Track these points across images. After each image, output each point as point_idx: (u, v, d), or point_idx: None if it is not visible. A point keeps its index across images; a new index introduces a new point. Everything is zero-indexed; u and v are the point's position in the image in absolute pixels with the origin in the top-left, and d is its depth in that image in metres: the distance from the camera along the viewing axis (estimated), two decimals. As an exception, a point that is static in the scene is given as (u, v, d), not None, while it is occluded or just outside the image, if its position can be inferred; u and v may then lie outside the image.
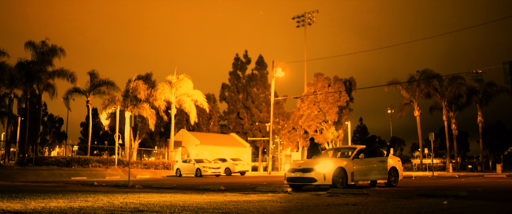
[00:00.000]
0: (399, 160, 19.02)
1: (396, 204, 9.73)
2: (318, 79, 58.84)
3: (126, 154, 47.27)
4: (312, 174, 15.76)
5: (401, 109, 61.43)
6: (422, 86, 56.98)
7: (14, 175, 31.11)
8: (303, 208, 9.01)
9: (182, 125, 73.17)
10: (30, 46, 42.08)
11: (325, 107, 57.36)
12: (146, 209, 8.63)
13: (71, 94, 45.89)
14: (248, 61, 78.90)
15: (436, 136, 46.00)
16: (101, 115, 47.41)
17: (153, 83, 60.98)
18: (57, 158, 39.62)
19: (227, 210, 8.58)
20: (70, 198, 11.41)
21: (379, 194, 13.11)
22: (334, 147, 23.53)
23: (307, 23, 73.76)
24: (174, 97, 48.83)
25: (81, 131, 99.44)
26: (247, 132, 75.33)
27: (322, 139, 58.07)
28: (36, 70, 41.10)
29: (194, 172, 38.72)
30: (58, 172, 34.59)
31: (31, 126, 47.23)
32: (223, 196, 12.79)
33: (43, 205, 9.36)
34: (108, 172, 37.77)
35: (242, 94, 77.54)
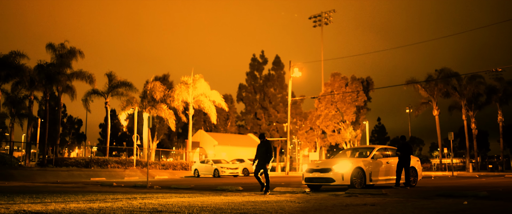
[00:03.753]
0: (418, 160, 18.85)
1: (415, 205, 9.65)
2: (335, 79, 58.62)
3: (144, 154, 47.54)
4: (330, 174, 15.71)
5: (419, 108, 60.91)
6: (440, 85, 56.43)
7: (34, 176, 31.46)
8: (321, 209, 8.98)
9: (199, 126, 73.40)
10: (50, 48, 42.57)
11: (342, 107, 57.12)
12: (165, 210, 8.67)
13: (90, 96, 46.32)
14: (265, 62, 78.85)
15: (456, 136, 45.50)
16: (120, 116, 47.75)
17: (171, 84, 61.29)
18: (76, 159, 39.98)
19: (245, 210, 8.58)
20: (89, 199, 11.51)
21: (398, 194, 13.02)
22: (352, 147, 23.44)
23: (323, 23, 73.48)
24: (191, 98, 48.98)
25: (100, 132, 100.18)
26: (264, 132, 75.08)
27: (340, 139, 57.85)
28: (55, 73, 41.54)
29: (212, 173, 38.79)
30: (77, 173, 34.90)
31: (51, 127, 47.76)
32: (241, 196, 12.80)
33: (63, 206, 9.45)
34: (126, 173, 38.01)
35: (259, 94, 77.51)
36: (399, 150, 17.19)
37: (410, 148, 17.21)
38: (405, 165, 16.94)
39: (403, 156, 16.96)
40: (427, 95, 58.09)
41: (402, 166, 16.93)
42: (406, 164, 16.97)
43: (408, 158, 17.02)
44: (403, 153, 17.01)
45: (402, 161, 16.97)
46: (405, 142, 17.41)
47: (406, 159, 16.97)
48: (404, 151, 17.04)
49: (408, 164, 16.98)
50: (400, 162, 16.97)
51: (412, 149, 17.44)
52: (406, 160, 16.96)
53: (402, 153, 17.01)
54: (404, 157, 16.96)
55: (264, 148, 15.10)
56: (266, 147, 15.12)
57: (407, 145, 17.26)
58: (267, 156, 14.98)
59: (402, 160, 16.97)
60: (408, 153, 17.06)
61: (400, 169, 16.95)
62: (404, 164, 16.94)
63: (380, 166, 16.79)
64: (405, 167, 16.94)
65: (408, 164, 17.04)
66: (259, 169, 15.14)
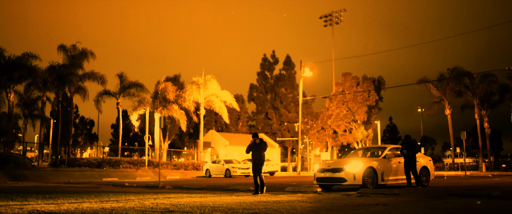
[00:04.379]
0: (430, 160, 18.74)
1: (428, 204, 9.60)
2: (346, 78, 58.49)
3: (156, 155, 47.72)
4: (342, 174, 15.66)
5: (431, 108, 60.56)
6: (452, 84, 56.05)
7: (47, 176, 31.68)
8: (332, 209, 8.96)
9: (211, 126, 73.51)
10: (62, 49, 42.84)
11: (354, 106, 56.98)
12: (177, 210, 8.69)
13: (101, 97, 46.58)
14: (276, 62, 78.81)
15: (468, 135, 45.17)
16: (131, 117, 47.98)
17: (182, 84, 61.40)
18: (88, 160, 40.21)
19: (257, 210, 8.59)
20: (102, 199, 11.57)
21: (410, 194, 12.96)
22: (363, 147, 23.33)
23: (334, 22, 73.22)
24: (202, 98, 49.07)
25: (111, 132, 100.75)
26: (275, 132, 75.24)
27: (352, 138, 57.69)
28: (67, 74, 41.81)
29: (223, 173, 38.85)
30: (89, 173, 35.10)
31: (63, 128, 48.10)
32: (253, 196, 12.81)
33: (75, 206, 9.51)
34: (138, 173, 38.16)
35: (270, 94, 77.48)
36: (404, 149, 16.91)
37: (415, 146, 16.98)
38: (411, 164, 16.72)
39: (410, 155, 16.75)
40: (439, 94, 57.73)
41: (410, 166, 16.74)
42: (413, 163, 16.74)
43: (414, 157, 16.80)
44: (409, 151, 16.78)
45: (408, 161, 16.76)
46: (410, 140, 17.20)
47: (412, 158, 16.76)
48: (409, 150, 16.81)
49: (414, 163, 16.74)
50: (406, 161, 16.78)
51: (417, 147, 17.21)
52: (412, 159, 16.75)
53: (408, 151, 16.78)
54: (410, 156, 16.75)
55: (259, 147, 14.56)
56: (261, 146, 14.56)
57: (411, 143, 17.03)
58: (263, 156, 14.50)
59: (408, 160, 16.76)
60: (414, 151, 16.84)
61: (408, 169, 16.75)
62: (410, 163, 16.72)
63: (392, 166, 16.71)
64: (411, 167, 16.71)
65: (415, 163, 16.79)
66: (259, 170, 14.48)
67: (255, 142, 14.56)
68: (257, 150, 14.53)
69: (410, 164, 16.72)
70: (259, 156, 14.48)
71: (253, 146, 14.60)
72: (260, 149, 14.50)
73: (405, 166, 16.77)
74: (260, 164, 14.42)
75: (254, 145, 14.58)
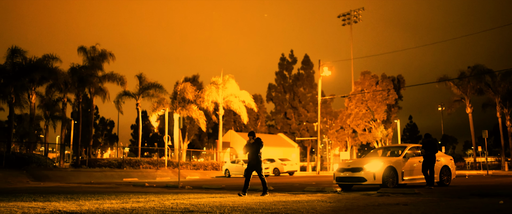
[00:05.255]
0: (451, 159, 18.55)
1: (449, 204, 9.49)
2: (365, 77, 58.20)
3: (175, 155, 47.95)
4: (362, 174, 15.58)
5: (451, 106, 59.89)
6: (473, 82, 55.36)
7: (68, 176, 32.03)
8: (352, 208, 8.91)
9: (230, 126, 73.65)
10: (82, 51, 43.24)
11: (373, 106, 56.66)
12: (196, 210, 8.72)
13: (121, 98, 46.97)
14: (294, 61, 78.69)
15: (490, 134, 44.44)
16: (151, 117, 48.27)
17: (200, 85, 61.63)
18: (109, 160, 40.56)
19: (276, 210, 8.58)
20: (122, 199, 11.66)
21: (431, 194, 12.83)
22: (383, 146, 23.19)
23: (352, 21, 72.87)
24: (221, 99, 49.17)
25: (131, 133, 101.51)
26: (294, 132, 75.13)
27: (371, 137, 57.37)
28: (87, 75, 42.19)
29: (243, 173, 38.85)
30: (110, 173, 35.40)
31: (84, 129, 48.61)
32: (272, 196, 12.80)
33: (97, 206, 9.60)
34: (158, 173, 38.38)
35: (288, 94, 77.38)
36: (424, 148, 16.67)
37: (435, 145, 16.72)
38: (430, 164, 16.46)
39: (429, 154, 16.50)
40: (460, 93, 57.07)
41: (428, 165, 16.49)
42: (431, 162, 16.47)
43: (433, 156, 16.54)
44: (428, 151, 16.54)
45: (427, 160, 16.51)
46: (430, 139, 16.91)
47: (431, 157, 16.51)
48: (429, 149, 16.56)
49: (433, 163, 16.47)
50: (425, 160, 16.53)
51: (437, 146, 16.95)
52: (431, 159, 16.50)
53: (427, 151, 16.54)
54: (430, 155, 16.50)
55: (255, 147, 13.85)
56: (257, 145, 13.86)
57: (431, 142, 16.75)
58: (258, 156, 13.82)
59: (427, 159, 16.51)
60: (433, 151, 16.58)
61: (426, 168, 16.48)
62: (430, 163, 16.47)
63: (412, 165, 16.56)
64: (429, 166, 16.44)
65: (433, 162, 16.51)
66: (251, 170, 13.96)
67: (250, 141, 13.94)
68: (252, 150, 13.88)
69: (428, 163, 16.46)
70: (255, 156, 13.80)
71: (249, 145, 13.98)
72: (256, 149, 13.80)
73: (423, 165, 16.53)
74: (257, 164, 13.78)
75: (250, 145, 13.95)
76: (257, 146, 13.81)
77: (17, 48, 37.97)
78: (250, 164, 13.97)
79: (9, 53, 37.69)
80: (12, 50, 37.73)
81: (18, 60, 38.03)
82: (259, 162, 13.82)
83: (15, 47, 37.93)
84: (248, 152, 14.04)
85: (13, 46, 37.90)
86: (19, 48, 38.10)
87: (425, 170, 16.43)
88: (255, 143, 13.86)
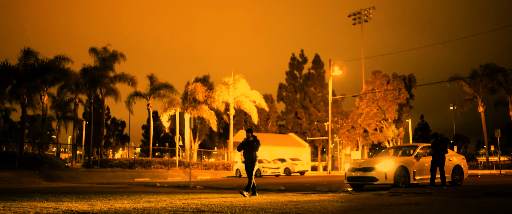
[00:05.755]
0: (464, 158, 18.43)
1: (462, 204, 9.43)
2: (376, 77, 58.01)
3: (186, 155, 48.08)
4: (373, 173, 15.52)
5: (463, 105, 59.51)
6: (485, 81, 54.99)
7: (80, 177, 32.22)
8: (364, 208, 8.88)
9: (240, 126, 73.71)
10: (93, 52, 43.46)
11: (384, 105, 56.45)
12: (208, 210, 8.73)
13: (132, 98, 47.15)
14: (305, 61, 78.62)
15: (503, 133, 44.10)
16: (162, 117, 48.41)
17: (211, 85, 61.70)
18: (120, 160, 40.73)
19: (288, 210, 8.57)
20: (134, 199, 11.70)
21: (443, 193, 12.77)
22: (394, 146, 23.09)
23: (363, 20, 72.68)
24: (232, 99, 49.21)
25: (142, 133, 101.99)
26: (305, 131, 75.05)
27: (382, 137, 57.16)
28: (98, 76, 42.41)
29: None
30: (121, 173, 35.55)
31: (96, 129, 48.84)
32: (283, 196, 12.79)
33: (108, 206, 9.64)
34: (169, 173, 38.49)
35: (299, 94, 77.32)
36: (432, 148, 16.54)
37: (444, 145, 16.57)
38: (440, 164, 16.34)
39: (437, 154, 16.37)
40: (472, 91, 56.70)
41: (437, 165, 16.35)
42: (441, 162, 16.34)
43: (442, 156, 16.40)
44: (437, 151, 16.41)
45: (436, 160, 16.36)
46: (438, 139, 16.77)
47: (440, 157, 16.38)
48: (438, 149, 16.42)
49: (443, 163, 16.34)
50: (434, 160, 16.39)
51: (446, 146, 16.80)
52: (440, 159, 16.37)
53: (436, 151, 16.41)
54: (439, 156, 16.36)
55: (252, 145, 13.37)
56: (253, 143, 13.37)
57: (440, 142, 16.61)
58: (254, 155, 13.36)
59: (436, 159, 16.36)
60: (442, 151, 16.43)
61: (434, 167, 16.32)
62: (439, 163, 16.34)
63: (424, 165, 16.46)
64: (439, 166, 16.30)
65: (443, 162, 16.39)
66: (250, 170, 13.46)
67: (248, 139, 13.44)
68: (250, 148, 13.39)
69: (437, 163, 16.30)
70: (250, 155, 13.34)
71: (246, 143, 13.49)
72: (252, 148, 13.34)
73: (431, 165, 16.32)
74: (252, 163, 13.35)
75: (247, 143, 13.47)
76: (256, 144, 13.39)
77: (29, 50, 38.24)
78: (246, 162, 13.52)
79: (22, 54, 37.97)
80: (25, 51, 38.01)
81: (30, 61, 38.31)
82: (254, 161, 13.37)
83: (27, 48, 38.21)
84: (244, 150, 13.52)
85: (26, 48, 38.20)
86: (31, 49, 38.38)
87: (433, 169, 16.24)
88: (254, 141, 13.42)
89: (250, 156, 13.39)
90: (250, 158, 13.41)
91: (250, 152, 13.38)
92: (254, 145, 13.38)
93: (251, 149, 13.38)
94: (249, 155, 13.41)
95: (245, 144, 13.53)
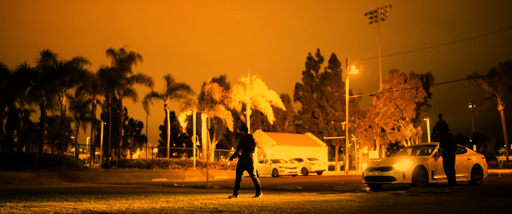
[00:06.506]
0: (483, 157, 18.22)
1: (481, 204, 9.33)
2: (393, 75, 57.66)
3: (203, 155, 48.21)
4: (391, 173, 15.42)
5: (482, 104, 58.83)
6: (505, 79, 54.31)
7: (99, 177, 32.50)
8: (382, 208, 8.83)
9: (257, 126, 73.73)
10: (110, 53, 43.74)
11: (401, 104, 56.08)
12: (225, 210, 8.75)
13: (149, 99, 47.38)
14: (321, 60, 78.41)
15: (523, 131, 43.58)
16: (179, 118, 48.61)
17: (227, 85, 61.83)
18: (138, 161, 41.01)
19: (305, 210, 8.55)
20: (152, 199, 11.77)
21: (462, 193, 12.64)
22: (412, 145, 22.87)
23: (380, 19, 72.27)
24: (248, 99, 49.23)
25: (160, 133, 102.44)
26: (322, 131, 74.84)
27: (400, 136, 56.77)
28: (116, 77, 42.69)
29: (270, 172, 38.88)
30: (139, 174, 35.78)
31: (113, 130, 49.19)
32: (301, 196, 12.75)
33: (127, 206, 9.70)
34: (187, 173, 38.64)
35: (316, 93, 77.15)
36: (442, 147, 16.24)
37: (453, 144, 16.25)
38: (450, 163, 16.01)
39: (448, 153, 16.05)
40: (491, 90, 56.03)
41: (448, 164, 16.02)
42: (450, 162, 16.01)
43: (453, 155, 16.06)
44: (447, 150, 16.10)
45: (446, 159, 16.04)
46: (448, 138, 16.50)
47: (451, 156, 16.04)
48: (448, 147, 16.10)
49: (452, 162, 16.00)
50: (445, 160, 16.07)
51: (455, 145, 16.45)
52: (450, 158, 16.04)
53: (446, 149, 16.10)
54: (449, 154, 16.04)
55: (245, 143, 12.44)
56: (248, 141, 12.45)
57: (450, 141, 16.30)
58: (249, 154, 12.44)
59: (447, 158, 16.04)
60: (453, 149, 16.11)
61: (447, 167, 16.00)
62: (449, 162, 16.01)
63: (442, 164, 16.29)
64: (449, 165, 15.98)
65: (453, 161, 16.05)
66: (242, 170, 12.57)
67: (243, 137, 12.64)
68: (243, 147, 12.47)
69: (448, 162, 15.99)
70: (246, 154, 12.40)
71: (241, 142, 12.64)
72: (248, 146, 12.44)
73: (444, 165, 16.05)
74: (249, 163, 12.41)
75: (241, 141, 12.65)
76: (249, 143, 12.46)
77: (48, 52, 38.61)
78: (240, 163, 12.52)
79: (40, 56, 38.36)
80: (43, 53, 38.39)
81: (49, 63, 38.70)
82: (250, 161, 12.41)
83: (46, 50, 38.58)
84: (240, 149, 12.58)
85: (45, 50, 38.54)
86: (50, 51, 38.73)
87: (447, 169, 15.93)
88: (247, 139, 12.50)
89: (247, 157, 12.44)
90: (246, 158, 12.46)
91: (246, 152, 12.42)
92: (249, 144, 12.45)
93: (247, 150, 12.43)
94: (245, 155, 12.44)
95: (240, 144, 12.64)
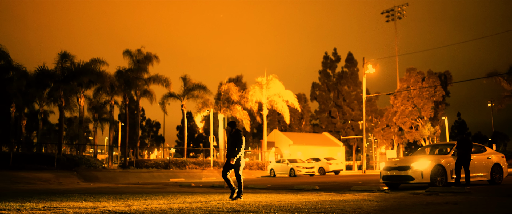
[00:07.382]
0: (503, 156, 17.99)
1: (501, 203, 9.22)
2: (410, 74, 57.24)
3: (220, 155, 48.28)
4: (409, 172, 15.30)
5: (502, 102, 58.11)
6: (524, 77, 53.62)
7: (117, 177, 32.74)
8: (400, 207, 8.77)
9: (274, 126, 73.69)
10: (127, 54, 44.04)
11: (419, 103, 55.64)
12: (242, 209, 8.75)
13: (166, 99, 47.60)
14: (338, 59, 78.15)
15: (543, 129, 43.00)
16: (196, 118, 48.72)
17: (244, 85, 61.93)
18: (156, 161, 41.24)
19: (323, 209, 8.52)
20: (169, 199, 11.82)
21: (482, 193, 12.50)
22: (431, 144, 22.68)
23: (396, 17, 71.79)
24: (265, 98, 49.23)
25: (177, 134, 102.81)
26: (339, 130, 74.57)
27: (418, 135, 56.33)
28: (133, 78, 42.98)
29: (288, 172, 38.82)
30: (157, 174, 35.97)
31: (131, 130, 49.52)
32: (318, 195, 12.72)
33: (145, 206, 9.76)
34: (204, 174, 38.75)
35: (332, 92, 76.91)
36: (457, 147, 16.01)
37: (470, 144, 16.00)
38: (465, 163, 15.78)
39: (464, 153, 15.82)
40: (510, 88, 55.34)
41: (462, 164, 15.78)
42: (466, 161, 15.78)
43: (468, 155, 15.83)
44: (463, 149, 15.86)
45: (460, 159, 15.81)
46: (465, 138, 16.22)
47: (465, 156, 15.81)
48: (464, 148, 15.87)
49: (468, 162, 15.77)
50: (460, 159, 15.84)
51: (472, 145, 16.19)
52: (466, 157, 15.81)
53: (462, 150, 15.88)
54: (465, 154, 15.81)
55: (233, 140, 11.65)
56: (235, 138, 11.64)
57: (467, 140, 16.06)
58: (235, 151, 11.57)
59: (461, 158, 15.80)
60: (468, 149, 15.88)
61: (459, 167, 15.77)
62: (464, 162, 15.78)
63: (461, 163, 16.12)
64: (464, 165, 15.75)
65: (468, 161, 15.82)
66: (228, 168, 11.84)
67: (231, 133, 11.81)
68: (230, 144, 11.77)
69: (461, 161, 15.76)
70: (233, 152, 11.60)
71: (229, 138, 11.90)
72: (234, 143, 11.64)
73: (456, 164, 15.81)
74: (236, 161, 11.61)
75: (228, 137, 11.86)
76: (236, 139, 11.63)
77: (66, 53, 39.02)
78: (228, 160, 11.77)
79: (59, 58, 38.78)
80: (62, 55, 38.81)
81: (67, 64, 39.11)
82: (237, 159, 11.63)
83: (64, 52, 38.99)
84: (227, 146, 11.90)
85: (63, 51, 38.98)
86: (68, 53, 39.15)
87: (458, 168, 15.69)
88: (234, 136, 11.72)
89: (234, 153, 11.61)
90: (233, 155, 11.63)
91: (232, 148, 11.64)
92: (237, 140, 11.60)
93: (233, 145, 11.63)
94: (231, 152, 11.67)
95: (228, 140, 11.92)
